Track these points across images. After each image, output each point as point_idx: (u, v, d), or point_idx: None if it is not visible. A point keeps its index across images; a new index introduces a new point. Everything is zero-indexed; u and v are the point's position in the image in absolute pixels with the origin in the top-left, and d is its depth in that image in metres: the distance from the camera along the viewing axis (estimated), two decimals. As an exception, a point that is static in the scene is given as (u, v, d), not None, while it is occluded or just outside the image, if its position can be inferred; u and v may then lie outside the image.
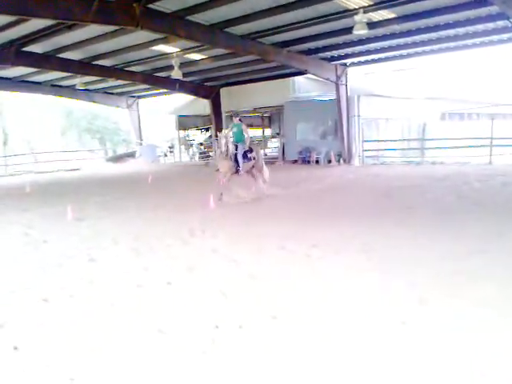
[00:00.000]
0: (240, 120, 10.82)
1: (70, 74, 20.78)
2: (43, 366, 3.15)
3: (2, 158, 26.77)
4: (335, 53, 18.06)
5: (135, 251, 6.20)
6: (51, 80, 23.44)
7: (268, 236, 6.77)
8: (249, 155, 10.65)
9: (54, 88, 24.83)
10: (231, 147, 10.31)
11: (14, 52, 16.55)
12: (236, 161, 10.39)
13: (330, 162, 19.57)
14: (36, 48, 16.90)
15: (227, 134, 10.48)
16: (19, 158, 27.11)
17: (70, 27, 13.58)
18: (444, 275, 4.64)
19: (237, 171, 10.52)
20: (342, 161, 19.43)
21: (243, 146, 10.55)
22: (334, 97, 19.58)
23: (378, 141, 20.21)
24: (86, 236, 7.32)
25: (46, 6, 10.52)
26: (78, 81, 21.61)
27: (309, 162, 20.29)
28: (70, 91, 25.25)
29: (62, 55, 18.06)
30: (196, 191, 12.09)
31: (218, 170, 10.74)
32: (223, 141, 10.23)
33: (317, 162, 20.05)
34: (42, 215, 9.54)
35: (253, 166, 10.87)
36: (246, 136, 10.67)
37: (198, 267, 5.31)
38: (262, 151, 10.93)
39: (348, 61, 19.04)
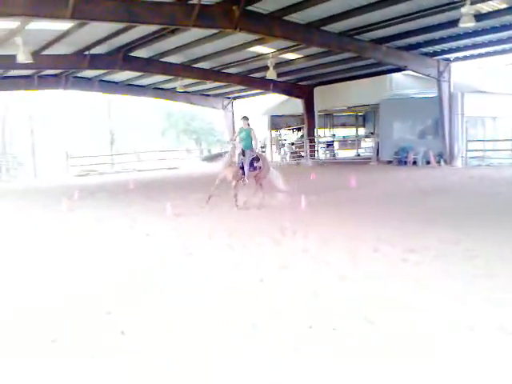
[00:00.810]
0: (248, 124, 10.11)
1: (171, 77, 21.93)
2: (149, 349, 3.32)
3: (108, 157, 29.03)
4: (438, 47, 17.13)
5: (230, 247, 6.35)
6: (153, 83, 24.95)
7: (360, 238, 6.56)
8: (255, 164, 9.95)
9: (156, 91, 26.39)
10: (237, 153, 9.74)
11: (122, 57, 17.89)
12: (242, 168, 9.76)
13: (428, 162, 18.55)
14: (141, 53, 18.07)
15: (234, 139, 10.12)
16: (124, 156, 29.20)
17: (173, 32, 14.31)
18: None
19: (242, 179, 9.89)
20: (442, 162, 18.32)
21: (251, 153, 9.95)
22: (434, 94, 18.55)
23: (484, 141, 18.77)
24: (184, 231, 7.65)
25: (152, 12, 11.20)
26: (178, 83, 22.73)
27: (405, 162, 19.40)
28: (170, 94, 26.68)
29: (164, 59, 19.13)
30: (287, 191, 12.11)
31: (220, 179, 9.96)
32: (237, 150, 9.74)
33: (414, 162, 19.10)
34: (144, 210, 10.15)
35: (256, 175, 10.12)
36: (254, 143, 10.05)
37: (291, 266, 5.29)
38: (268, 160, 10.25)
39: (452, 55, 17.96)
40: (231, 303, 4.19)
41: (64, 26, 13.34)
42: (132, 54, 18.05)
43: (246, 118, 10.03)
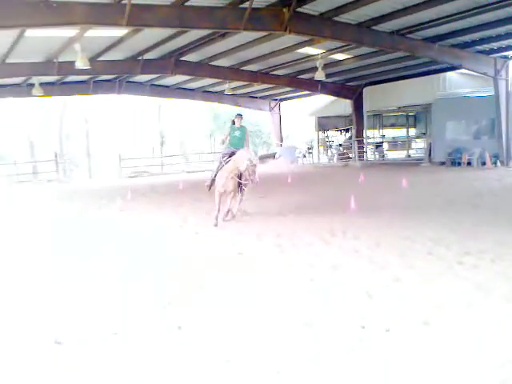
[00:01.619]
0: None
1: (219, 80, 22.28)
2: (203, 345, 3.43)
3: (159, 159, 29.84)
4: (494, 45, 16.46)
5: (279, 247, 6.41)
6: (203, 87, 25.43)
7: (413, 240, 6.44)
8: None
9: (205, 94, 26.89)
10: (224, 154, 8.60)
11: (174, 62, 18.39)
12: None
13: (484, 164, 17.82)
14: (191, 57, 18.49)
15: (224, 140, 8.88)
16: (173, 158, 29.93)
17: (223, 35, 14.55)
18: None
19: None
20: (498, 163, 17.55)
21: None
22: (491, 93, 17.82)
23: (544, 141, 17.85)
24: (234, 231, 7.78)
25: (204, 17, 11.45)
26: (227, 86, 23.05)
27: (459, 163, 18.72)
28: (218, 96, 27.11)
29: (213, 63, 19.47)
30: (335, 192, 12.03)
31: (209, 185, 8.83)
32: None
33: (468, 163, 18.40)
34: (193, 210, 10.38)
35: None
36: (245, 146, 8.64)
37: (342, 266, 5.28)
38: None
39: (510, 53, 17.21)
40: (283, 302, 4.24)
41: (119, 32, 13.88)
42: (182, 59, 18.50)
43: (240, 116, 8.92)
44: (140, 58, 17.62)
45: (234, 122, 8.99)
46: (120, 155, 25.91)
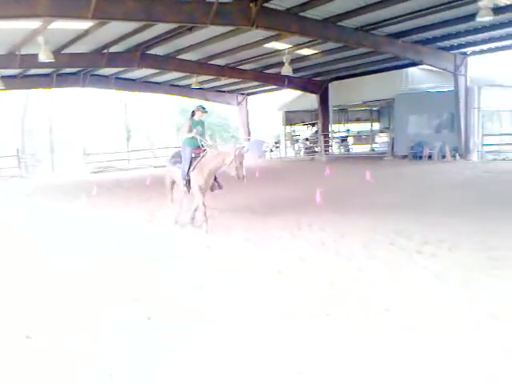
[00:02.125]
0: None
1: (186, 73, 22.13)
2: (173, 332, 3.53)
3: (125, 154, 29.41)
4: (454, 41, 17.04)
5: (247, 241, 6.54)
6: (169, 80, 25.20)
7: (376, 231, 6.69)
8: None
9: (172, 87, 26.64)
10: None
11: (140, 55, 18.15)
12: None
13: (444, 157, 18.49)
14: (158, 51, 18.29)
15: (191, 131, 7.57)
16: (140, 153, 29.57)
17: (190, 29, 14.48)
18: None
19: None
20: (458, 156, 18.25)
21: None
22: (450, 88, 18.47)
23: (501, 135, 18.65)
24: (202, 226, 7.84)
25: (171, 11, 11.37)
26: (194, 80, 22.93)
27: (420, 157, 19.34)
28: (185, 90, 26.89)
29: (180, 56, 19.33)
30: (302, 186, 12.26)
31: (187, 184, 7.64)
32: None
33: (429, 157, 19.05)
34: (161, 205, 10.30)
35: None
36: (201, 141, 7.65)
37: (308, 258, 5.47)
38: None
39: (469, 49, 17.87)
40: (250, 293, 4.38)
41: (84, 25, 13.61)
42: (149, 52, 18.29)
43: (203, 109, 7.81)
44: (105, 51, 17.29)
45: (193, 114, 7.82)
46: (85, 150, 25.40)
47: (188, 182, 7.54)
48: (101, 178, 20.08)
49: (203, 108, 7.88)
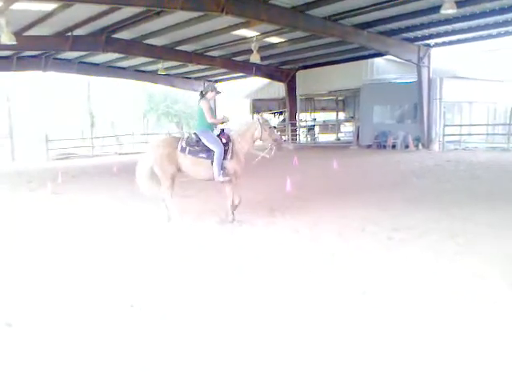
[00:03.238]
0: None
1: (153, 59, 21.77)
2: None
3: (88, 140, 28.69)
4: (418, 33, 17.49)
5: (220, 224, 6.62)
6: (135, 65, 24.70)
7: (349, 218, 6.88)
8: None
9: (137, 73, 26.16)
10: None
11: (105, 39, 17.67)
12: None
13: (407, 147, 19.06)
14: (124, 35, 17.87)
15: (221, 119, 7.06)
16: (104, 140, 28.93)
17: (158, 14, 14.23)
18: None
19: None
20: (420, 146, 18.85)
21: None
22: (414, 79, 18.97)
23: (461, 125, 19.35)
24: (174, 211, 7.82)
25: (139, -6, 11.20)
26: (160, 66, 22.56)
27: (385, 146, 19.88)
28: (152, 76, 26.48)
29: (147, 41, 18.96)
30: (271, 174, 12.38)
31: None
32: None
33: (393, 146, 19.58)
34: (131, 193, 10.20)
35: None
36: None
37: (283, 245, 5.60)
38: None
39: (432, 41, 18.37)
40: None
41: (48, 6, 13.16)
42: (114, 36, 17.84)
43: (216, 89, 7.13)
44: (69, 33, 16.77)
45: (203, 95, 6.87)
46: (46, 136, 24.63)
47: (225, 171, 6.72)
48: (64, 165, 19.56)
49: (216, 88, 7.11)
